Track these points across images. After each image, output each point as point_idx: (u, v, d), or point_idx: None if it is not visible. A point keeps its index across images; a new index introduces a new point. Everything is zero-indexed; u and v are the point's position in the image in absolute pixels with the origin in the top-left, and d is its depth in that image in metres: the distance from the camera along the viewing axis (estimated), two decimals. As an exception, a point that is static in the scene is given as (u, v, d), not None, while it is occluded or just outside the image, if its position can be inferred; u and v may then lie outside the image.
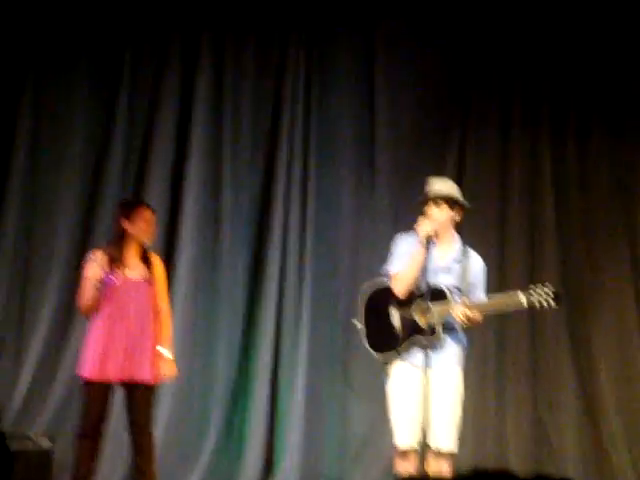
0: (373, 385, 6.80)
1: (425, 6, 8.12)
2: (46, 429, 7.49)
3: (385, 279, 5.88)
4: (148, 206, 6.39)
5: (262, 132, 8.15)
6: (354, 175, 8.12)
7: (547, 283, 5.63)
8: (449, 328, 5.74)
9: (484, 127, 8.15)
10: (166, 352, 6.19)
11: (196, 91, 8.10)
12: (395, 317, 5.77)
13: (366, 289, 5.92)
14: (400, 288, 5.77)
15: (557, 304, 5.59)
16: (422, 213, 5.82)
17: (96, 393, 6.09)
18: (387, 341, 5.75)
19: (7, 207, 7.95)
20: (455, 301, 5.68)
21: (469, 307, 5.63)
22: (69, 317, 7.76)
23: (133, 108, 8.09)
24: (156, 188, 7.98)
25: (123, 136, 8.05)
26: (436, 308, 5.65)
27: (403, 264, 5.78)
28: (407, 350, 5.72)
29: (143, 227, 6.23)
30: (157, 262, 6.33)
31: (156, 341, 6.19)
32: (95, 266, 6.09)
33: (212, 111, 8.11)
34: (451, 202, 5.83)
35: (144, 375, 6.13)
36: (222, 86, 8.14)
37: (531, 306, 5.59)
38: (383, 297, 5.83)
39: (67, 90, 8.06)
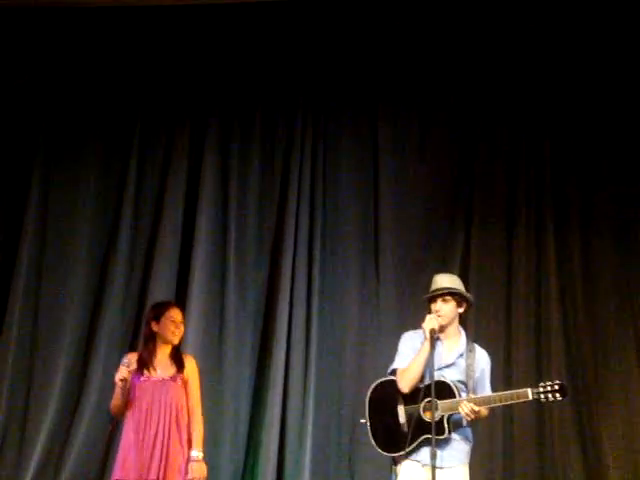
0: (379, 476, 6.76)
1: (429, 90, 8.21)
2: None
3: (391, 377, 5.86)
4: (177, 306, 6.47)
5: (267, 226, 8.19)
6: (359, 270, 8.13)
7: (553, 378, 5.65)
8: (456, 424, 5.72)
9: (489, 223, 8.17)
10: (196, 454, 6.17)
11: (202, 183, 8.16)
12: (402, 415, 5.76)
13: (372, 385, 5.91)
14: (405, 384, 5.76)
15: (563, 397, 5.64)
16: (428, 309, 5.85)
17: None
18: (395, 439, 5.72)
19: (12, 300, 7.95)
20: (461, 397, 5.67)
21: (476, 402, 5.62)
22: (74, 412, 7.73)
23: (140, 198, 8.17)
24: (161, 284, 7.99)
25: (129, 229, 8.11)
26: (443, 404, 5.64)
27: (408, 361, 5.78)
28: (415, 449, 5.67)
29: (171, 328, 6.32)
30: (190, 363, 6.37)
31: (187, 442, 6.19)
32: (123, 369, 6.12)
33: (218, 206, 8.18)
34: (458, 297, 5.85)
35: (169, 476, 6.10)
36: (227, 182, 8.22)
37: (537, 399, 5.62)
38: (389, 394, 5.82)
39: (76, 178, 8.15)
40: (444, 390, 5.67)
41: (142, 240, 8.12)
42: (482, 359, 5.89)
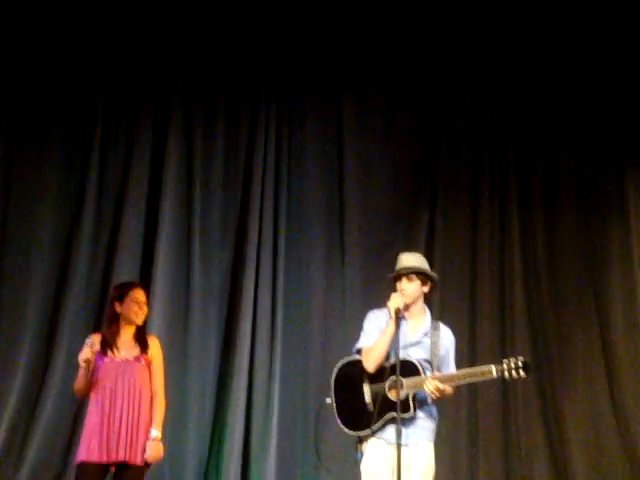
0: (345, 460, 6.77)
1: (393, 79, 8.23)
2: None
3: (356, 356, 5.88)
4: (141, 287, 6.40)
5: (232, 208, 8.17)
6: (324, 251, 8.17)
7: (517, 355, 5.67)
8: (421, 402, 5.74)
9: (453, 202, 8.24)
10: (155, 433, 6.12)
11: (165, 169, 8.12)
12: (367, 393, 5.77)
13: (337, 365, 5.92)
14: (370, 363, 5.77)
15: (527, 374, 5.65)
16: (393, 288, 5.86)
17: (89, 476, 6.04)
18: (360, 418, 5.73)
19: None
20: (426, 375, 5.70)
21: (440, 380, 5.65)
22: (37, 396, 7.70)
23: (103, 180, 8.10)
24: (126, 263, 7.95)
25: (93, 210, 8.05)
26: (408, 382, 5.66)
27: (373, 339, 5.80)
28: (380, 427, 5.70)
29: (134, 308, 6.26)
30: (154, 343, 6.32)
31: (149, 422, 6.14)
32: (86, 350, 6.07)
33: (182, 186, 8.14)
34: (422, 276, 5.87)
35: (133, 457, 6.06)
36: (191, 164, 8.18)
37: (501, 377, 5.63)
38: (355, 373, 5.83)
39: (38, 160, 8.06)
40: (409, 368, 5.68)
41: (106, 222, 8.06)
42: (447, 337, 5.91)
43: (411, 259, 5.94)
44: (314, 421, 7.40)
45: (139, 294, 6.30)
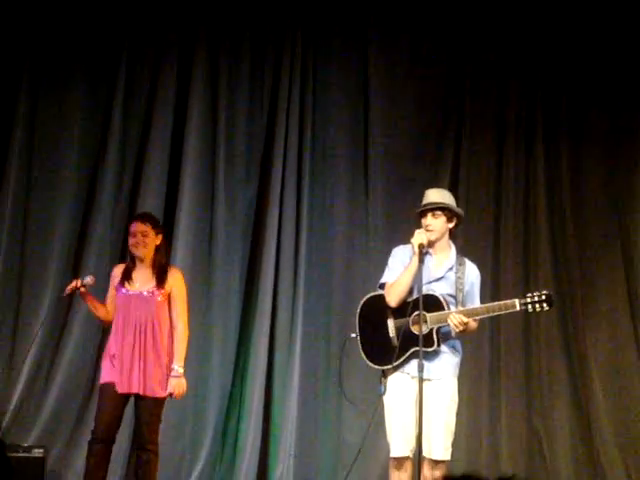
0: (367, 394, 6.82)
1: (419, 13, 8.14)
2: (39, 440, 7.50)
3: (380, 291, 5.89)
4: (138, 219, 6.35)
5: (256, 142, 8.14)
6: (348, 187, 8.13)
7: (540, 289, 5.71)
8: (445, 336, 5.75)
9: (478, 137, 8.17)
10: (176, 368, 6.14)
11: (190, 102, 8.08)
12: (391, 328, 5.78)
13: (362, 300, 5.93)
14: (393, 297, 5.78)
15: (549, 307, 5.69)
16: (418, 223, 5.84)
17: (105, 399, 6.11)
18: (384, 353, 5.74)
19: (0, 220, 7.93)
20: (450, 310, 5.70)
21: (464, 314, 5.65)
22: (63, 328, 7.78)
23: (127, 118, 8.07)
24: (150, 200, 7.96)
25: (117, 148, 8.03)
26: (431, 317, 5.66)
27: (397, 275, 5.80)
28: (404, 361, 5.72)
29: (131, 241, 6.26)
30: (174, 277, 6.26)
31: (167, 356, 6.16)
32: (74, 282, 6.18)
33: (206, 122, 8.10)
34: (448, 212, 5.85)
35: (146, 388, 6.11)
36: (217, 97, 8.13)
37: (525, 310, 5.67)
38: (379, 308, 5.83)
39: (61, 100, 8.05)
40: (433, 303, 5.68)
41: (131, 155, 8.05)
42: (472, 273, 5.89)
43: (437, 195, 5.91)
44: (338, 356, 7.50)
45: (135, 227, 6.26)
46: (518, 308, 5.67)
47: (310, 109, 8.15)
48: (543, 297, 5.66)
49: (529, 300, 5.66)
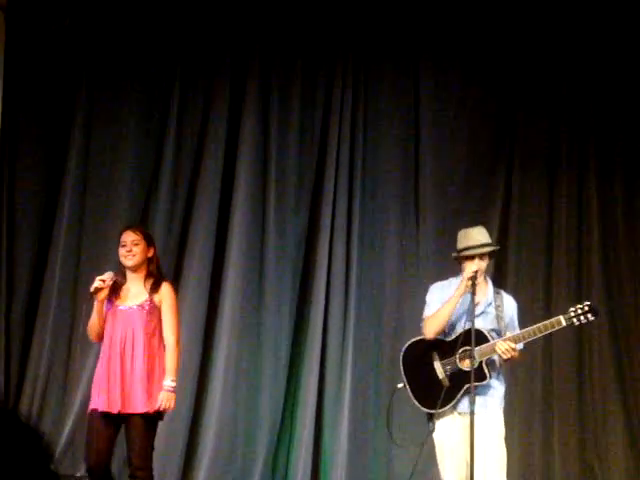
0: (417, 427, 6.77)
1: (470, 45, 8.12)
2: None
3: (419, 337, 5.87)
4: (130, 229, 6.14)
5: (307, 175, 8.16)
6: (399, 219, 8.11)
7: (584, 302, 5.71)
8: (492, 369, 5.72)
9: (530, 171, 8.10)
10: (167, 384, 5.90)
11: (241, 132, 8.15)
12: (439, 369, 5.74)
13: (403, 348, 5.89)
14: (431, 329, 5.76)
15: (594, 316, 5.67)
16: (460, 264, 5.84)
17: (94, 424, 5.90)
18: (436, 395, 5.68)
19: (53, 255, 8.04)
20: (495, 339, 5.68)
21: (511, 340, 5.63)
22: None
23: (179, 149, 8.17)
24: (202, 230, 8.03)
25: (169, 179, 8.13)
26: (479, 350, 5.63)
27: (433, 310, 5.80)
28: (459, 400, 5.67)
29: (122, 252, 6.04)
30: (165, 289, 6.04)
31: (158, 372, 5.94)
32: (98, 280, 5.92)
33: (258, 153, 8.15)
34: (493, 252, 5.86)
35: (134, 407, 5.87)
36: (268, 128, 8.18)
37: (570, 324, 5.65)
38: (422, 353, 5.81)
39: (114, 131, 8.17)
40: (478, 337, 5.64)
41: (183, 183, 8.13)
42: (510, 304, 5.88)
43: (479, 234, 5.85)
44: (387, 407, 7.45)
45: (125, 235, 6.07)
46: (564, 324, 5.65)
47: (361, 139, 8.14)
48: (586, 308, 5.65)
49: (573, 314, 5.65)
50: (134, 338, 5.92)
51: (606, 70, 8.11)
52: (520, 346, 5.72)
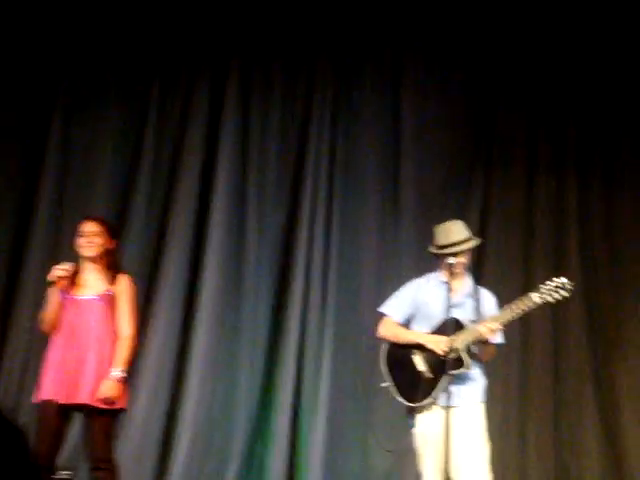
0: (396, 419, 6.77)
1: (449, 43, 8.17)
2: (66, 460, 7.49)
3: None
4: (89, 219, 6.11)
5: (287, 169, 8.19)
6: (378, 212, 8.14)
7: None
8: (473, 359, 5.73)
9: (509, 164, 8.15)
10: (114, 373, 5.81)
11: (222, 127, 8.18)
12: (418, 362, 5.75)
13: (382, 348, 5.92)
14: (384, 336, 5.88)
15: (567, 292, 5.62)
16: (439, 260, 5.85)
17: (45, 415, 5.81)
18: (420, 388, 5.68)
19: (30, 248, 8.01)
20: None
21: (491, 320, 5.62)
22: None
23: (159, 144, 8.20)
24: (181, 224, 8.04)
25: (148, 171, 8.14)
26: (459, 337, 5.64)
27: (400, 310, 5.88)
28: (442, 390, 5.65)
29: (80, 242, 6.00)
30: (122, 280, 6.00)
31: (110, 363, 5.87)
32: (57, 269, 5.88)
33: (237, 148, 8.18)
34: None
35: (87, 398, 5.77)
36: (248, 124, 8.22)
37: (543, 300, 5.61)
38: (400, 348, 5.84)
39: (94, 125, 8.19)
40: (456, 326, 5.67)
41: (161, 180, 8.16)
42: (489, 298, 5.89)
43: (458, 230, 5.86)
44: (367, 382, 7.46)
45: (84, 225, 6.03)
46: (537, 300, 5.60)
47: (341, 135, 8.19)
48: (560, 284, 5.62)
49: (545, 290, 5.61)
50: (90, 328, 5.86)
51: (587, 69, 8.15)
52: (500, 339, 5.73)
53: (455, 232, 5.82)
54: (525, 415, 7.88)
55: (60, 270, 5.87)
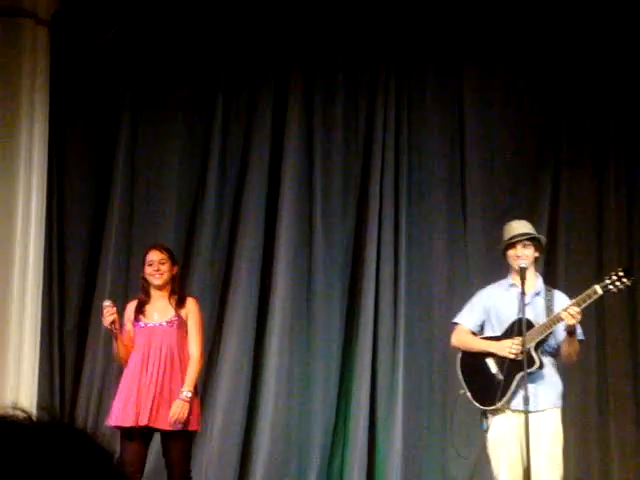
0: (472, 428, 6.70)
1: (515, 48, 8.09)
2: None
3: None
4: (155, 248, 6.30)
5: (353, 180, 8.17)
6: (446, 219, 8.09)
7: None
8: (546, 354, 5.73)
9: (578, 168, 8.04)
10: (184, 393, 5.97)
11: (286, 140, 8.17)
12: (491, 365, 5.73)
13: (458, 355, 5.98)
14: (457, 346, 6.00)
15: (630, 280, 5.65)
16: (504, 258, 5.95)
17: (123, 441, 5.99)
18: (493, 391, 5.71)
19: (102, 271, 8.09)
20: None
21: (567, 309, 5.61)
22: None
23: (224, 158, 8.18)
24: (248, 241, 8.05)
25: (215, 188, 8.15)
26: (528, 337, 5.64)
27: (474, 319, 5.93)
28: (515, 391, 5.66)
29: (148, 271, 6.17)
30: (190, 305, 6.19)
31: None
32: (106, 312, 6.01)
33: (302, 160, 8.16)
34: (535, 242, 5.94)
35: (161, 423, 5.96)
36: (312, 135, 8.20)
37: (606, 291, 5.66)
38: (474, 353, 5.90)
39: (160, 140, 8.21)
40: (527, 327, 5.70)
41: (229, 194, 8.15)
42: (563, 300, 5.88)
43: (522, 226, 6.00)
44: (440, 388, 7.41)
45: (152, 255, 6.20)
46: (600, 292, 5.65)
47: (405, 143, 8.14)
48: (621, 273, 5.65)
49: (608, 281, 5.65)
50: (162, 354, 6.02)
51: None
52: (581, 336, 5.74)
53: (517, 228, 5.98)
54: (606, 420, 7.73)
55: (108, 317, 6.00)
